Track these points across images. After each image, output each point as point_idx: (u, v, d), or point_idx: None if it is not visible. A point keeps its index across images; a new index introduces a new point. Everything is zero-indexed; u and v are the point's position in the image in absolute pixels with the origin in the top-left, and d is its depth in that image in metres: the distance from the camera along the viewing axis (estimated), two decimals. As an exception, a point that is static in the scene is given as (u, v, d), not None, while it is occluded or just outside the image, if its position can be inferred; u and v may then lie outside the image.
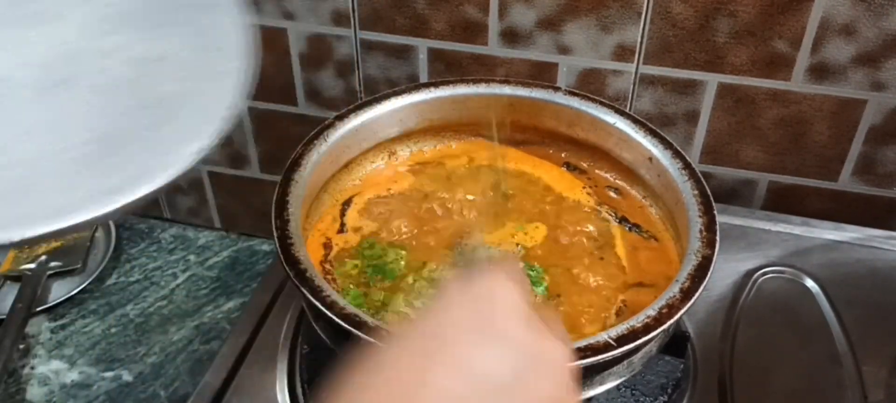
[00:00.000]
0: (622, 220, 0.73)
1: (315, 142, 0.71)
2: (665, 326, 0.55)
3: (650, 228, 0.72)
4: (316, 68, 0.94)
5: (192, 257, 1.10)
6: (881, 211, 0.90)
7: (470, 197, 0.74)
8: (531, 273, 0.67)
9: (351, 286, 0.66)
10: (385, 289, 0.66)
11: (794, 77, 0.82)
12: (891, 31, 0.78)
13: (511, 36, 0.86)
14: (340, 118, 0.74)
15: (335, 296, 0.57)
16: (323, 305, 0.56)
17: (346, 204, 0.75)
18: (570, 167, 0.78)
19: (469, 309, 0.40)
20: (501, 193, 0.74)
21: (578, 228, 0.72)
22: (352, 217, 0.73)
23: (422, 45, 0.89)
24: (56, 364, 0.95)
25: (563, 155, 0.79)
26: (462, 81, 0.78)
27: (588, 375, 0.57)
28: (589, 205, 0.74)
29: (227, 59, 0.51)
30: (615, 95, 0.88)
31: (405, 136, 0.79)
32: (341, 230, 0.72)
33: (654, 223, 0.72)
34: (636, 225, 0.72)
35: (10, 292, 1.01)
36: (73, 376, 0.94)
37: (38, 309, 1.00)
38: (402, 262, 0.69)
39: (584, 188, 0.76)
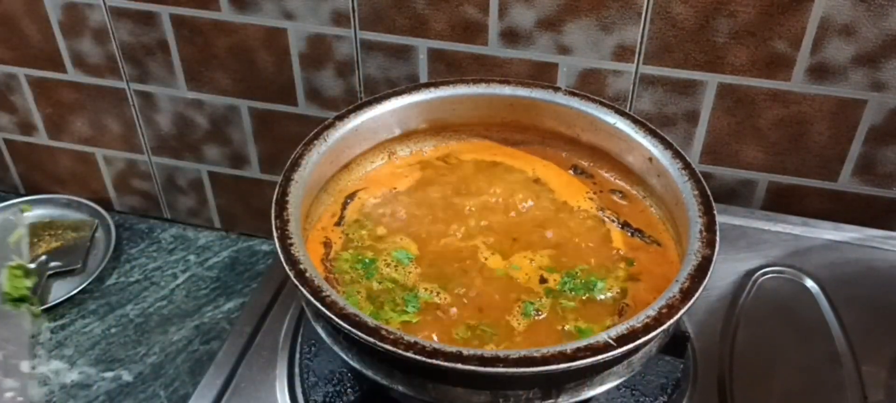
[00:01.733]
0: (625, 225, 0.73)
1: (315, 142, 0.71)
2: (665, 326, 0.55)
3: (653, 233, 0.72)
4: (316, 68, 0.94)
5: (191, 257, 1.10)
6: (881, 212, 0.90)
7: (483, 221, 0.73)
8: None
9: (357, 291, 0.66)
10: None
11: (794, 77, 0.82)
12: (891, 31, 0.78)
13: (511, 36, 0.86)
14: (340, 118, 0.74)
15: (335, 296, 0.57)
16: (322, 305, 0.57)
17: (350, 197, 0.75)
18: (578, 171, 0.78)
19: None
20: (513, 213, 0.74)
21: (581, 234, 0.72)
22: (353, 211, 0.74)
23: (422, 46, 0.89)
24: (56, 365, 0.95)
25: (563, 154, 0.79)
26: (462, 81, 0.78)
27: (588, 375, 0.57)
28: (591, 211, 0.74)
29: None
30: (615, 95, 0.88)
31: (405, 136, 0.79)
32: (339, 223, 0.72)
33: (656, 226, 0.72)
34: (639, 231, 0.72)
35: (10, 292, 1.01)
36: (72, 376, 0.94)
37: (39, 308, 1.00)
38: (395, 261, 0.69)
39: (587, 193, 0.76)
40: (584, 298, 0.66)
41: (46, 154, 1.13)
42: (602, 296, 0.66)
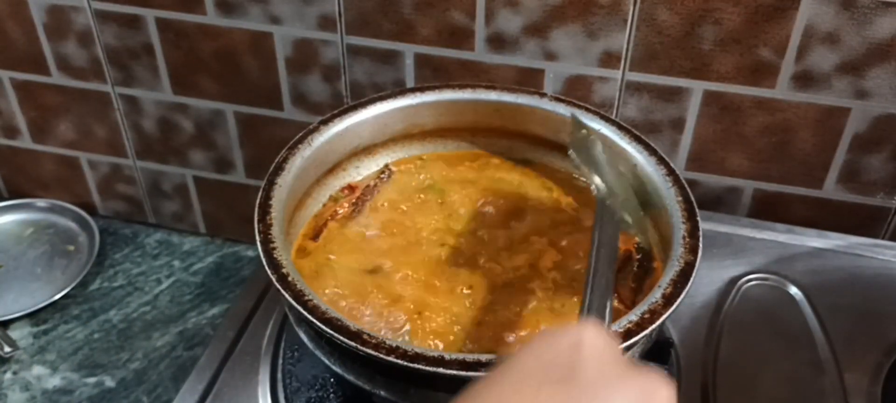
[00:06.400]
0: None
1: (299, 146, 0.71)
2: (647, 331, 0.55)
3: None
4: (302, 73, 0.94)
5: (176, 262, 1.10)
6: (865, 219, 0.90)
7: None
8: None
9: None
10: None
11: (779, 85, 0.83)
12: (874, 39, 0.78)
13: (497, 42, 0.86)
14: (325, 122, 0.73)
15: (317, 300, 0.57)
16: (305, 309, 0.56)
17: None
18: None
19: (552, 361, 0.39)
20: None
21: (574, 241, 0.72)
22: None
23: (408, 51, 0.89)
24: (38, 370, 0.94)
25: (549, 161, 0.79)
26: (448, 86, 0.78)
27: (571, 381, 0.57)
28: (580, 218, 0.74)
29: None
30: (601, 102, 0.88)
31: (391, 141, 0.78)
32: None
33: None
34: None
35: (-7, 296, 1.00)
36: (55, 381, 0.93)
37: (21, 313, 0.99)
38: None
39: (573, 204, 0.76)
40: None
41: (30, 158, 1.13)
42: None
